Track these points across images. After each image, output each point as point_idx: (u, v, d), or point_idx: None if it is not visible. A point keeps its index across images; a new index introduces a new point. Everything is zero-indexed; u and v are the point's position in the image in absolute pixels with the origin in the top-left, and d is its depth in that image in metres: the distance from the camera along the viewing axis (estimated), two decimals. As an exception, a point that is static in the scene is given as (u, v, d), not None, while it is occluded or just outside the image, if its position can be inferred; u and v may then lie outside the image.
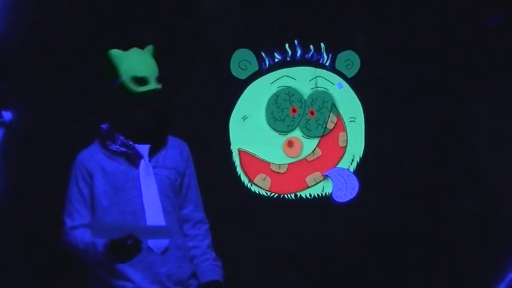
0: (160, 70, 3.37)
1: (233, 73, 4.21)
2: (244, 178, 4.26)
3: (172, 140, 3.28)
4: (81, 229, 3.16)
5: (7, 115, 3.95)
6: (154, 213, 3.20)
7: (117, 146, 3.19)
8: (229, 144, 4.26)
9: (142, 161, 3.20)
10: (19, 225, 3.97)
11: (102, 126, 3.21)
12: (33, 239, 3.96)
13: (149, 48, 3.21)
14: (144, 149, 3.21)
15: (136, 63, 3.16)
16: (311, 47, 4.30)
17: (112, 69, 3.15)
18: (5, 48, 3.96)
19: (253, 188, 4.28)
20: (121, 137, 3.17)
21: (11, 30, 3.97)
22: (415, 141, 4.38)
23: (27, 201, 3.97)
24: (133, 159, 3.19)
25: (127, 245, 3.01)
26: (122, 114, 3.18)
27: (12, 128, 3.96)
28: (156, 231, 3.20)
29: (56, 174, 3.95)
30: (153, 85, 3.13)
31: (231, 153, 4.25)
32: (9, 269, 3.96)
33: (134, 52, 3.18)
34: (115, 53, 3.16)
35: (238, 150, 4.26)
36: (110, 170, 3.18)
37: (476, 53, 4.35)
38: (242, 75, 4.23)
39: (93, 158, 3.20)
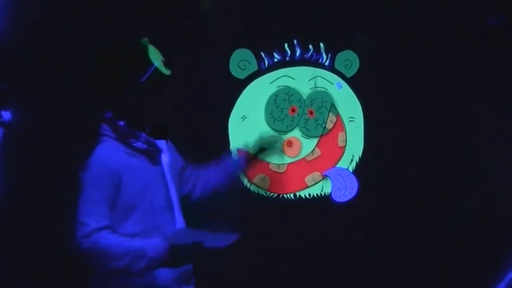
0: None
1: (232, 73, 4.24)
2: (243, 178, 4.28)
3: None
4: (106, 231, 3.06)
5: (6, 115, 3.97)
6: (178, 210, 3.24)
7: (141, 143, 3.19)
8: (229, 143, 4.30)
9: (163, 156, 3.23)
10: (19, 225, 4.00)
11: (119, 123, 3.21)
12: (33, 239, 4.00)
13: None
14: (161, 145, 3.24)
15: (156, 50, 3.21)
16: (310, 46, 4.32)
17: (139, 60, 3.15)
18: (5, 48, 3.99)
19: (253, 188, 4.31)
20: (143, 134, 3.19)
21: (11, 30, 3.99)
22: (415, 141, 4.42)
23: (27, 201, 4.01)
24: (154, 155, 3.21)
25: (189, 253, 3.02)
26: (142, 108, 3.19)
27: (12, 128, 3.98)
28: (226, 237, 3.22)
29: (56, 174, 4.01)
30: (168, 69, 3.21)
31: (230, 153, 4.25)
32: (9, 269, 3.99)
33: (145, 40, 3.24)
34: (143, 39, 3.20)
35: (238, 150, 4.28)
36: (134, 168, 3.14)
37: (476, 53, 4.39)
38: (241, 75, 4.26)
39: (114, 157, 3.14)
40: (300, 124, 4.32)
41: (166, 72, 3.17)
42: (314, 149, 4.34)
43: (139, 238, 3.10)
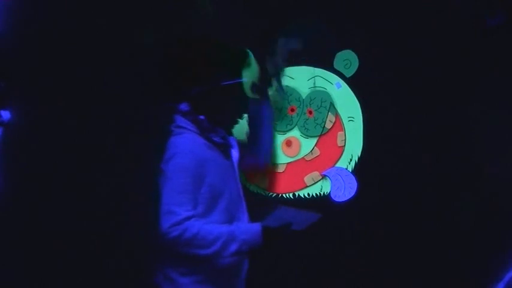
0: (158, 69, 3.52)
1: (232, 72, 4.26)
2: (242, 177, 4.31)
3: None
4: (194, 219, 3.16)
5: (5, 114, 4.01)
6: (245, 202, 3.33)
7: (219, 138, 3.29)
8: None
9: (233, 152, 3.42)
10: (19, 225, 4.08)
11: (200, 117, 3.27)
12: (33, 239, 4.07)
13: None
14: (232, 141, 3.46)
15: (257, 71, 3.30)
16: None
17: (234, 67, 3.31)
18: (5, 48, 4.03)
19: (251, 188, 4.33)
20: (221, 130, 3.29)
21: (11, 30, 4.04)
22: (415, 141, 4.45)
23: (27, 201, 4.08)
24: (226, 150, 3.35)
25: (280, 234, 3.18)
26: (221, 105, 3.32)
27: (12, 128, 4.02)
28: (308, 216, 3.30)
29: (56, 174, 4.06)
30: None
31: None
32: (9, 269, 4.06)
33: (253, 58, 3.41)
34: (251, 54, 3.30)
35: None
36: (215, 159, 3.31)
37: (476, 53, 4.42)
38: None
39: (197, 148, 3.28)
40: (299, 124, 4.34)
41: (250, 95, 3.28)
42: (313, 148, 4.37)
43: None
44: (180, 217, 3.13)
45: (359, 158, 4.39)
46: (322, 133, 4.36)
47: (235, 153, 3.50)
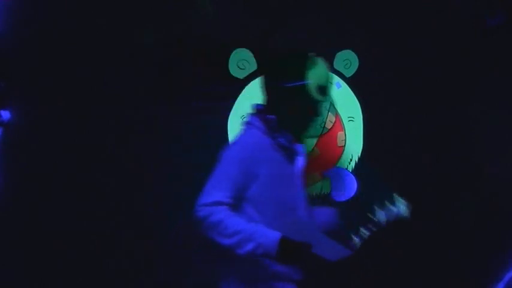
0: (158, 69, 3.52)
1: (231, 73, 4.28)
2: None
3: None
4: (225, 207, 3.13)
5: (5, 114, 4.03)
6: (303, 213, 3.33)
7: (284, 140, 3.30)
8: (228, 143, 4.31)
9: (299, 159, 3.37)
10: (19, 225, 4.08)
11: (270, 117, 3.31)
12: (32, 239, 4.08)
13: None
14: (299, 148, 3.39)
15: (325, 74, 3.30)
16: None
17: (297, 70, 3.26)
18: (5, 48, 4.06)
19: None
20: (288, 133, 3.30)
21: (11, 30, 4.06)
22: (414, 141, 4.49)
23: (27, 201, 4.08)
24: (291, 156, 3.32)
25: (297, 251, 3.10)
26: (288, 111, 3.29)
27: (12, 128, 4.04)
28: (339, 249, 3.26)
29: (55, 174, 4.08)
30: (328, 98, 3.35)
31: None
32: (8, 270, 4.06)
33: (321, 61, 3.33)
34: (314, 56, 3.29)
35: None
36: (275, 161, 3.26)
37: (476, 53, 4.46)
38: (241, 74, 4.30)
39: (260, 146, 3.26)
40: (299, 124, 4.36)
41: (317, 97, 3.27)
42: (313, 148, 4.38)
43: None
44: (212, 199, 3.13)
45: (359, 158, 4.42)
46: (322, 133, 4.38)
47: (301, 161, 3.49)
